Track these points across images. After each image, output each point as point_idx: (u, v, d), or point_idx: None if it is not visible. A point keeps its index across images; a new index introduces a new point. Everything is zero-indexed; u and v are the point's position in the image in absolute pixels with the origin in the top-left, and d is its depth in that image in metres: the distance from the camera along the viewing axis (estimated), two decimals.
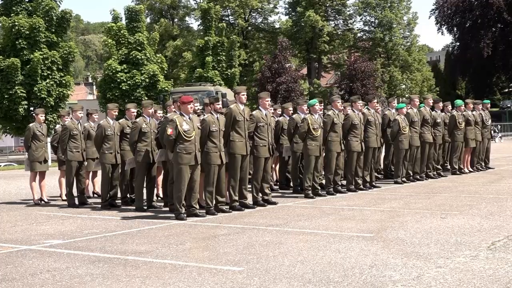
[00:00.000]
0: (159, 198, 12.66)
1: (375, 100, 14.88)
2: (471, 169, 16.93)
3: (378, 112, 14.83)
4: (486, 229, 8.19)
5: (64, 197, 13.07)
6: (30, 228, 9.73)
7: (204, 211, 10.42)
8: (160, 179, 12.64)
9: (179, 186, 9.82)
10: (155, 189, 12.57)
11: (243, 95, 11.12)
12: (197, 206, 10.22)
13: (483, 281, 5.52)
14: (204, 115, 10.80)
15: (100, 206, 11.93)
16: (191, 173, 9.89)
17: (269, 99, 11.95)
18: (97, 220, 10.45)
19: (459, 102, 17.00)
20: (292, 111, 14.35)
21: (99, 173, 12.97)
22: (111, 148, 11.86)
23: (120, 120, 12.36)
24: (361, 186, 13.41)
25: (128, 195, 12.34)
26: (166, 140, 9.95)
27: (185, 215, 9.91)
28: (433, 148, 15.54)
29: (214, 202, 10.50)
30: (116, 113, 12.41)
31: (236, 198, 10.85)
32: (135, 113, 12.28)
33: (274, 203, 11.40)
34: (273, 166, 14.79)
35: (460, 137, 16.05)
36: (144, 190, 11.62)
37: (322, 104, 13.80)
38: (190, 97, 10.45)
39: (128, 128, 11.89)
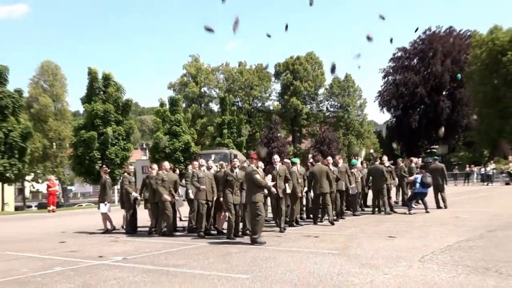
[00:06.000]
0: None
1: (337, 157, 14.60)
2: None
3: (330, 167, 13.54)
4: (417, 247, 8.12)
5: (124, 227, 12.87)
6: (102, 249, 9.66)
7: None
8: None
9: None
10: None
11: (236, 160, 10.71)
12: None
13: (416, 284, 5.48)
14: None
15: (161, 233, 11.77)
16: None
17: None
18: (148, 243, 10.37)
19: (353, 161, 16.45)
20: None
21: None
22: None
23: (159, 172, 12.12)
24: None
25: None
26: (261, 183, 9.45)
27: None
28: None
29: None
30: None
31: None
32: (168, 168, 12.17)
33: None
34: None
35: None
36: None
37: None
38: (255, 155, 10.02)
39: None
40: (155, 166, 12.65)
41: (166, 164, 12.07)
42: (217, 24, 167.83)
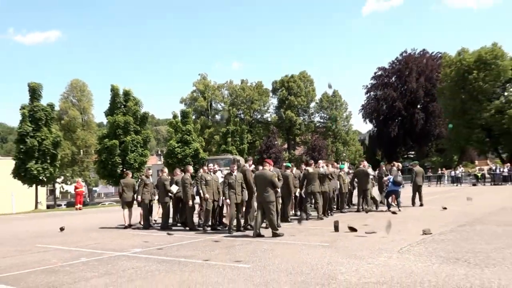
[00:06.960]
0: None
1: (321, 162, 14.39)
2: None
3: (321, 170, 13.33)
4: (396, 240, 8.10)
5: (142, 223, 12.81)
6: (122, 242, 9.63)
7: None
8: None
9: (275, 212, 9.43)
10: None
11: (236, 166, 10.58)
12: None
13: (396, 272, 5.45)
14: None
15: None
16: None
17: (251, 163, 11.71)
18: (162, 237, 10.34)
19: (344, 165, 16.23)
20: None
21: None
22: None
23: (185, 176, 11.75)
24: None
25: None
26: (278, 186, 9.37)
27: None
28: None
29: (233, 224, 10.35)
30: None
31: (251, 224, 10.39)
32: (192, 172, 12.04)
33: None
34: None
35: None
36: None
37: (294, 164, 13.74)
38: (270, 161, 9.97)
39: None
40: (165, 169, 12.67)
41: (191, 169, 12.02)
42: (223, 45, 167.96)
